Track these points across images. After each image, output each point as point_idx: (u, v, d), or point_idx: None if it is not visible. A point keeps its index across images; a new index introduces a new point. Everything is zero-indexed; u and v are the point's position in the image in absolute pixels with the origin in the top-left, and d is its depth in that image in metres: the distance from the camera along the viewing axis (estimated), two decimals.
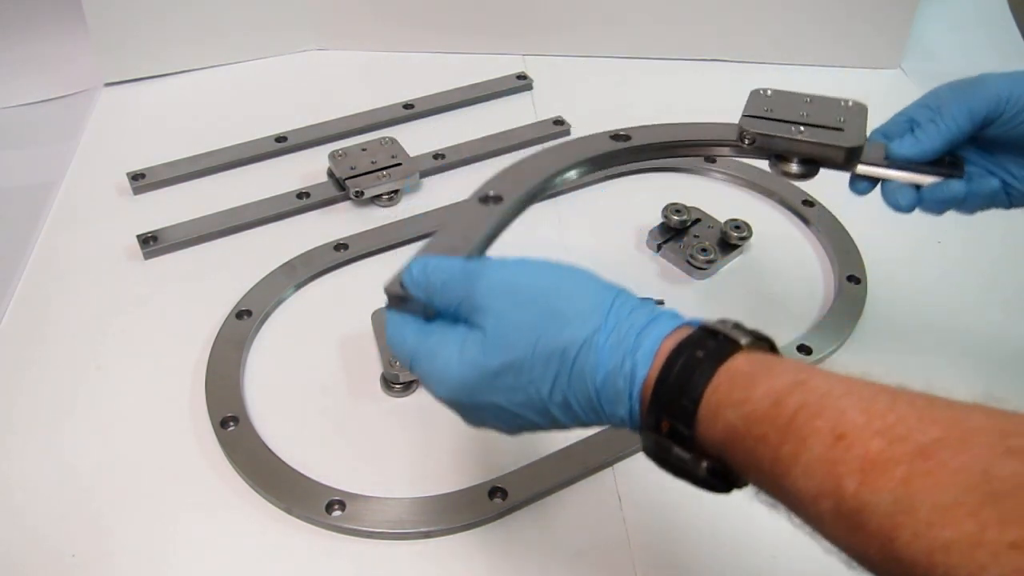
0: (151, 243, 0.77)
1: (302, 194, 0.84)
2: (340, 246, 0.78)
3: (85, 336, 0.70)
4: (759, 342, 0.39)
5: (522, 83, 1.02)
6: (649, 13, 1.04)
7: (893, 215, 0.82)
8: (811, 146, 0.59)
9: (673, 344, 0.38)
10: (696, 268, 0.76)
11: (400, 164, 0.85)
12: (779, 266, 0.79)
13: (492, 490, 0.58)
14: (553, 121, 0.95)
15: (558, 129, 0.94)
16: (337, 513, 0.57)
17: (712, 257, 0.76)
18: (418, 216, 0.82)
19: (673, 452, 0.38)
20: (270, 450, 0.60)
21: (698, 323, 0.39)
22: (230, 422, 0.62)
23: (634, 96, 1.01)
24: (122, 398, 0.65)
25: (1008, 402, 0.32)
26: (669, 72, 1.06)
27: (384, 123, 0.95)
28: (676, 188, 0.85)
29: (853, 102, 0.61)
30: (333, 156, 0.85)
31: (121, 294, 0.74)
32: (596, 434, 0.61)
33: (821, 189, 0.84)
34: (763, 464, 0.34)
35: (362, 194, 0.82)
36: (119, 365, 0.68)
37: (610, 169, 0.78)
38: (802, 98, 0.62)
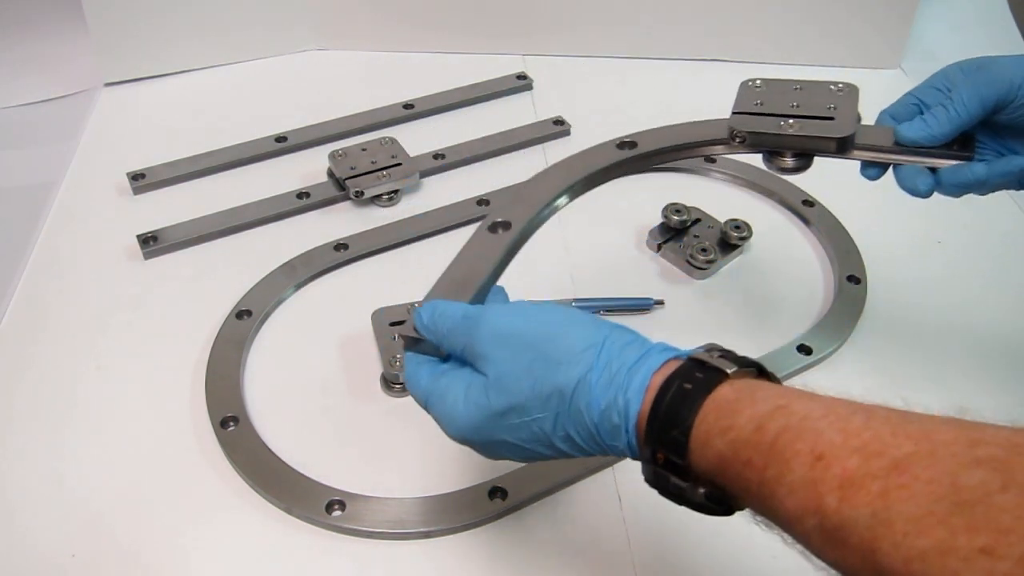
0: (151, 243, 0.77)
1: (302, 194, 0.84)
2: (340, 246, 0.78)
3: (85, 336, 0.70)
4: (746, 368, 0.40)
5: (522, 83, 1.02)
6: (649, 13, 1.04)
7: (893, 215, 0.82)
8: (802, 140, 0.58)
9: (662, 378, 0.39)
10: (696, 268, 0.76)
11: (400, 164, 0.85)
12: (779, 266, 0.79)
13: (492, 490, 0.58)
14: (553, 121, 0.95)
15: (558, 129, 0.94)
16: (337, 513, 0.57)
17: (712, 257, 0.76)
18: (418, 216, 0.82)
19: (671, 481, 0.39)
20: (270, 450, 0.60)
21: (687, 355, 0.41)
22: (230, 422, 0.62)
23: (634, 96, 1.01)
24: (122, 398, 0.65)
25: (979, 413, 0.33)
26: (669, 72, 1.06)
27: (384, 123, 0.95)
28: (676, 188, 0.85)
29: (844, 84, 0.61)
30: (333, 156, 0.85)
31: (121, 294, 0.74)
32: None
33: (821, 189, 0.84)
34: (751, 487, 0.35)
35: (362, 194, 0.82)
36: (119, 365, 0.68)
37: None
38: (792, 85, 0.61)
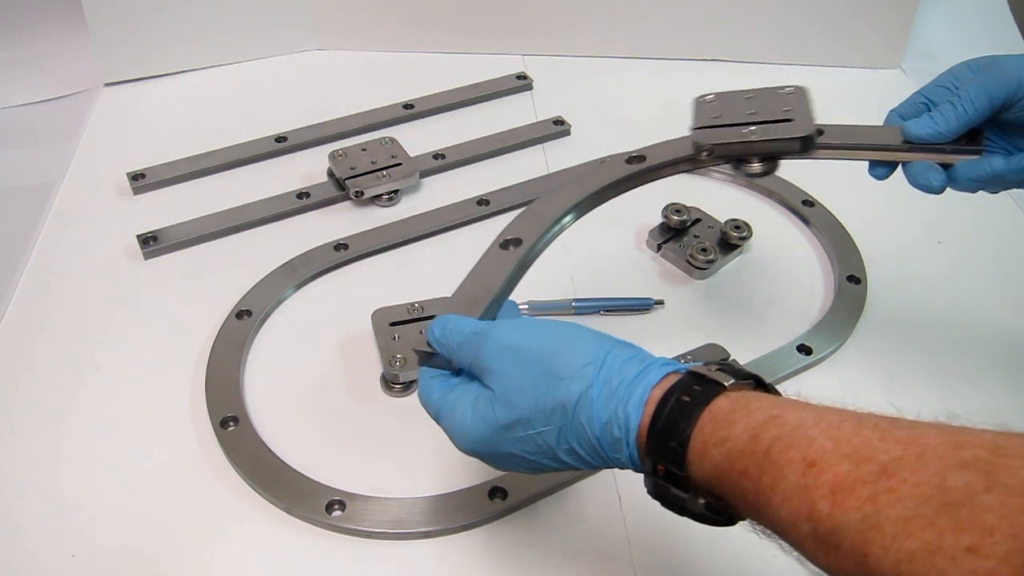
0: (151, 243, 0.77)
1: (302, 194, 0.84)
2: (340, 246, 0.78)
3: (85, 336, 0.70)
4: (744, 381, 0.41)
5: (522, 83, 1.02)
6: (649, 13, 1.04)
7: (893, 215, 0.82)
8: (767, 144, 0.59)
9: (661, 392, 0.40)
10: (696, 268, 0.76)
11: (400, 164, 0.85)
12: (779, 266, 0.79)
13: (492, 490, 0.58)
14: (553, 121, 0.95)
15: (558, 129, 0.94)
16: (337, 513, 0.57)
17: (712, 257, 0.76)
18: (418, 216, 0.82)
19: (672, 492, 0.40)
20: (270, 450, 0.60)
21: (686, 369, 0.41)
22: (230, 422, 0.62)
23: (634, 96, 1.01)
24: (122, 398, 0.65)
25: (966, 418, 0.34)
26: (669, 72, 1.06)
27: (384, 123, 0.95)
28: (676, 188, 0.85)
29: (793, 87, 0.61)
30: (333, 156, 0.85)
31: (121, 294, 0.74)
32: None
33: (821, 189, 0.84)
34: (748, 496, 0.36)
35: (362, 194, 0.82)
36: (119, 365, 0.68)
37: None
38: (743, 95, 0.62)
